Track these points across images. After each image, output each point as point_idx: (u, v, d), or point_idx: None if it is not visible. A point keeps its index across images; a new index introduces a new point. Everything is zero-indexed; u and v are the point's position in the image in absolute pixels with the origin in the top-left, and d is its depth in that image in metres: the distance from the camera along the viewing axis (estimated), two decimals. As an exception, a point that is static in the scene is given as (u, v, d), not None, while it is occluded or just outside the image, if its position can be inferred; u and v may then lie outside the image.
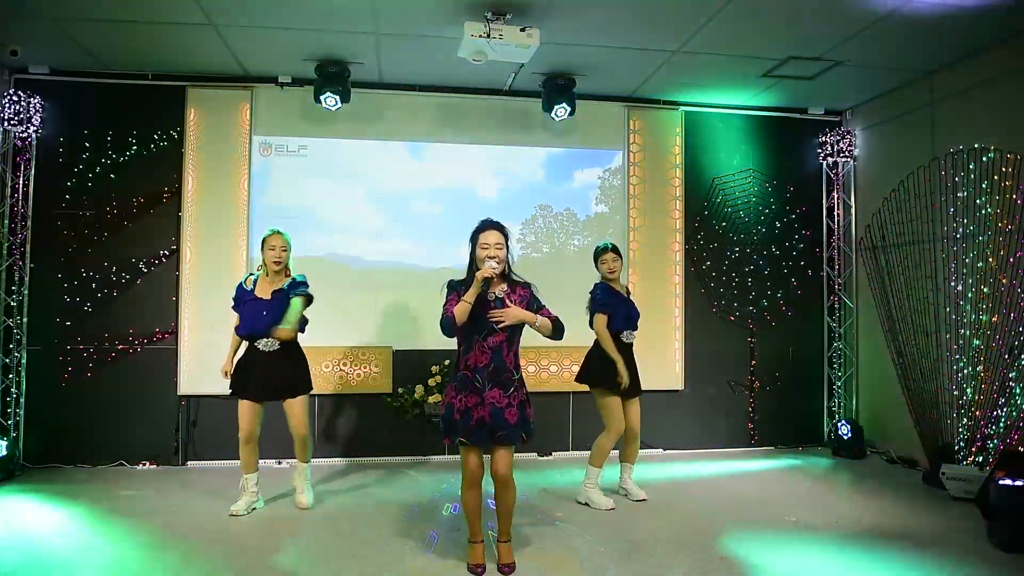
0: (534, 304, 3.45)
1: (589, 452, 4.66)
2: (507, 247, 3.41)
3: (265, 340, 4.22)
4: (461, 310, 3.28)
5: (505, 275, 3.46)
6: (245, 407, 4.28)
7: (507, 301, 3.38)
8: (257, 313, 4.22)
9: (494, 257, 3.31)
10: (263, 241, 4.32)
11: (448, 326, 3.33)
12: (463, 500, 3.47)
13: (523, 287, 3.48)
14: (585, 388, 4.80)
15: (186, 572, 3.46)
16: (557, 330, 3.45)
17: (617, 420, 4.54)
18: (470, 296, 3.28)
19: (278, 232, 4.32)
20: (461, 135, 5.98)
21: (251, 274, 4.44)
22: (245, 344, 4.35)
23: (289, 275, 4.37)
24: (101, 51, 5.15)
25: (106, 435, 5.41)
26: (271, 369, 4.23)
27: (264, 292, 4.27)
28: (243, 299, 4.30)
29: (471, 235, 3.44)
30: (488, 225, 3.41)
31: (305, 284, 4.34)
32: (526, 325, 3.40)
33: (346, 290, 5.75)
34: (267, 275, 4.33)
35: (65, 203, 5.43)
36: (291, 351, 4.33)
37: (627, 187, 6.17)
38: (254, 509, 4.38)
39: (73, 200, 5.44)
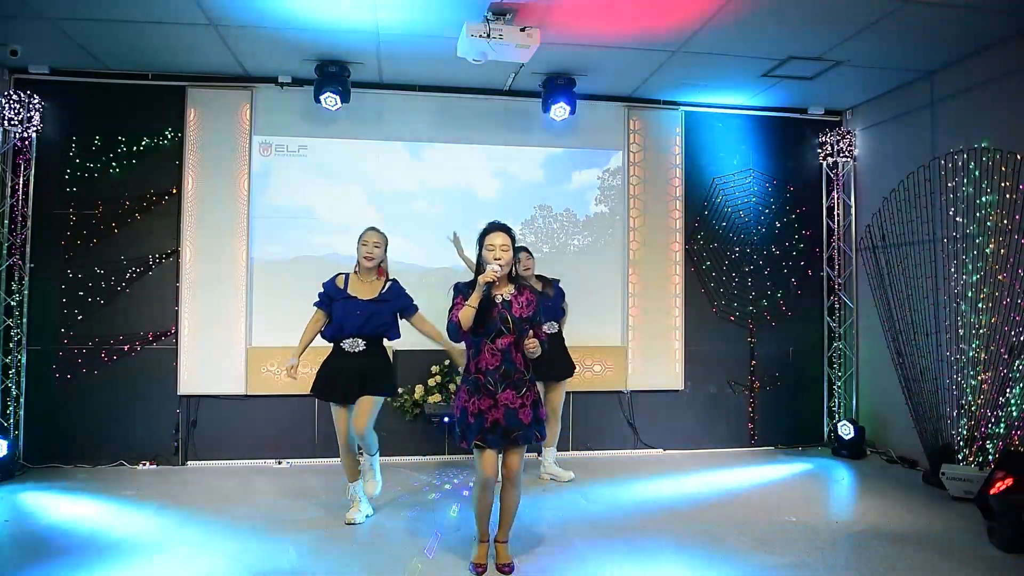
0: (538, 314, 3.44)
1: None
2: (513, 249, 3.40)
3: (351, 340, 4.02)
4: (466, 315, 3.28)
5: (512, 277, 3.45)
6: (338, 413, 4.11)
7: (514, 304, 3.38)
8: (350, 313, 4.01)
9: (499, 259, 3.30)
10: (359, 238, 4.14)
11: (454, 331, 3.33)
12: (476, 500, 3.45)
13: (531, 291, 3.47)
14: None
15: (187, 572, 3.46)
16: (541, 353, 3.41)
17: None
18: (473, 300, 3.28)
19: (373, 228, 4.18)
20: (461, 135, 5.98)
21: (340, 273, 4.18)
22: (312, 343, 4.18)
23: (383, 275, 4.19)
24: (101, 51, 5.14)
25: (106, 435, 5.41)
26: (358, 369, 4.02)
27: (358, 291, 4.07)
28: (335, 297, 4.07)
29: (478, 237, 3.42)
30: (495, 227, 3.40)
31: (408, 297, 4.19)
32: (531, 327, 3.40)
33: (346, 290, 5.74)
34: (358, 272, 4.14)
35: (65, 203, 5.43)
36: (377, 351, 4.12)
37: (627, 187, 6.17)
38: (368, 516, 4.26)
39: (73, 200, 5.44)
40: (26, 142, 5.33)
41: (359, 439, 4.08)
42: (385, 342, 4.19)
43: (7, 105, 5.18)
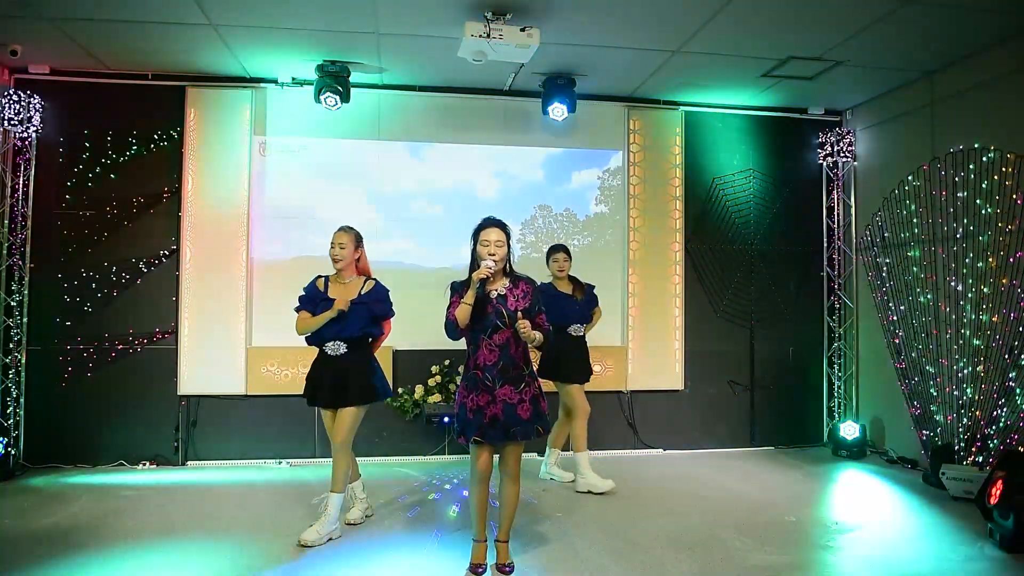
0: (536, 304, 3.43)
1: (589, 452, 4.71)
2: (508, 245, 3.39)
3: (332, 344, 3.92)
4: (462, 313, 3.27)
5: (507, 272, 3.44)
6: (325, 416, 4.05)
7: (510, 297, 3.37)
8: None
9: (493, 255, 3.30)
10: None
11: (451, 329, 3.32)
12: (471, 497, 3.45)
13: (526, 283, 3.44)
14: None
15: (187, 572, 3.46)
16: (545, 343, 3.36)
17: (583, 403, 4.87)
18: (469, 298, 3.27)
19: (342, 228, 4.04)
20: (461, 135, 5.98)
21: (320, 276, 4.08)
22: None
23: (363, 274, 4.09)
24: (101, 51, 5.14)
25: (106, 435, 5.41)
26: (339, 375, 3.93)
27: (337, 294, 3.96)
28: (316, 299, 3.96)
29: (472, 233, 3.41)
30: (489, 223, 3.39)
31: (388, 303, 4.04)
32: (530, 318, 3.36)
33: (346, 290, 5.74)
34: (335, 275, 4.06)
35: (65, 203, 5.43)
36: (360, 355, 3.99)
37: (627, 187, 6.17)
38: (369, 516, 4.24)
39: (73, 200, 5.44)
40: (26, 142, 5.33)
41: (335, 453, 3.97)
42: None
43: (7, 105, 5.17)
